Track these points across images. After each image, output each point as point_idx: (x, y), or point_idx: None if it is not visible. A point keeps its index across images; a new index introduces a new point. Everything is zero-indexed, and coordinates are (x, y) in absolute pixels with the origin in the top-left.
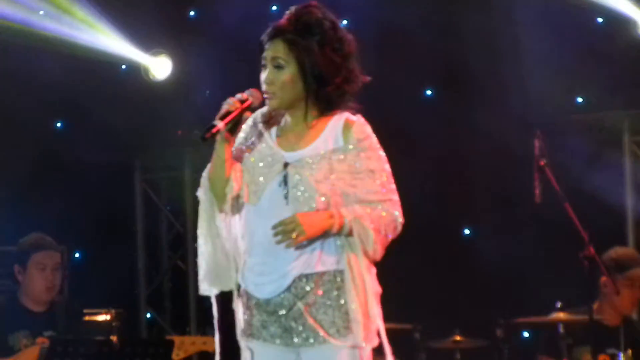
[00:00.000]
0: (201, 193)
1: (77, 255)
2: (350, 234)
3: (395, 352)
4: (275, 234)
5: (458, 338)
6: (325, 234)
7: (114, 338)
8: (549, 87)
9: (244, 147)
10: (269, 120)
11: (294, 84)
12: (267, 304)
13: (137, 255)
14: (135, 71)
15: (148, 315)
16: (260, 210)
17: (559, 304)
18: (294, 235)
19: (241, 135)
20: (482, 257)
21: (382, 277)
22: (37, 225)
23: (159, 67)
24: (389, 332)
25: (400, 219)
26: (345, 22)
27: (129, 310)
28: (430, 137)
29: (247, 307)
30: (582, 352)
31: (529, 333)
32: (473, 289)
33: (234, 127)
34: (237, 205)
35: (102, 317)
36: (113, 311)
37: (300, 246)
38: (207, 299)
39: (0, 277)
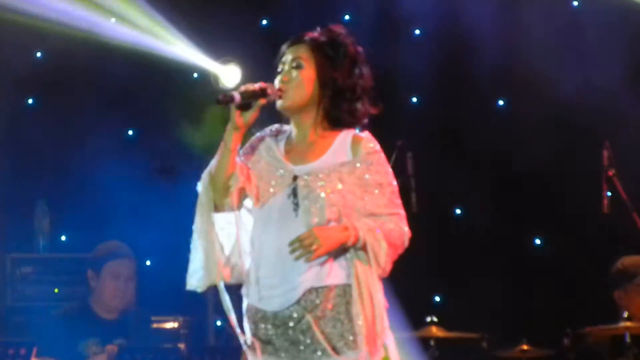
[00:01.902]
0: (200, 188)
1: (147, 263)
2: (363, 247)
3: None
4: (292, 250)
5: (525, 347)
6: (339, 247)
7: (182, 345)
8: (618, 96)
9: (252, 157)
10: (277, 136)
11: (309, 86)
12: (274, 317)
13: None
14: (207, 79)
15: (217, 323)
16: (269, 223)
17: (625, 314)
18: (313, 248)
19: (249, 146)
20: (550, 266)
21: (451, 287)
22: (108, 233)
23: (229, 75)
24: (457, 341)
25: (408, 234)
26: (418, 31)
27: (198, 318)
28: (501, 147)
29: (253, 322)
30: None
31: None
32: (540, 298)
33: (247, 105)
34: (242, 202)
35: (170, 325)
36: (181, 318)
37: None
38: None
39: (74, 284)
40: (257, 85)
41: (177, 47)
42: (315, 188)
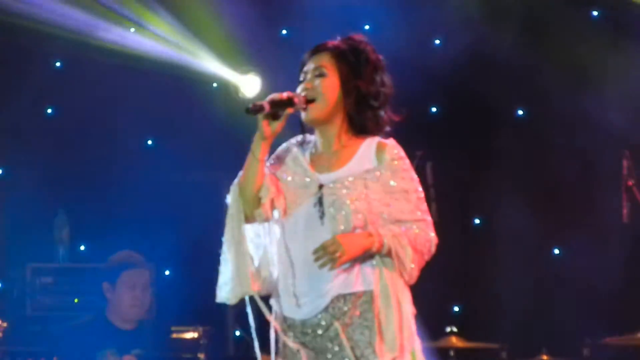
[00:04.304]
0: (229, 199)
1: (167, 272)
2: (389, 253)
3: None
4: (317, 259)
5: (545, 357)
6: (364, 254)
7: (201, 356)
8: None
9: (279, 167)
10: (302, 145)
11: (334, 94)
12: (303, 325)
13: None
14: (226, 89)
15: (237, 333)
16: (296, 232)
17: None
18: (336, 256)
19: (275, 157)
20: (571, 276)
21: (470, 297)
22: (127, 243)
23: (249, 84)
24: (476, 351)
25: (435, 240)
26: (438, 41)
27: (217, 328)
28: (520, 156)
29: (281, 330)
30: None
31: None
32: (561, 308)
33: (275, 115)
34: (272, 212)
35: (190, 335)
36: (201, 329)
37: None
38: None
39: (89, 294)
40: (284, 95)
41: (197, 56)
42: (340, 196)
